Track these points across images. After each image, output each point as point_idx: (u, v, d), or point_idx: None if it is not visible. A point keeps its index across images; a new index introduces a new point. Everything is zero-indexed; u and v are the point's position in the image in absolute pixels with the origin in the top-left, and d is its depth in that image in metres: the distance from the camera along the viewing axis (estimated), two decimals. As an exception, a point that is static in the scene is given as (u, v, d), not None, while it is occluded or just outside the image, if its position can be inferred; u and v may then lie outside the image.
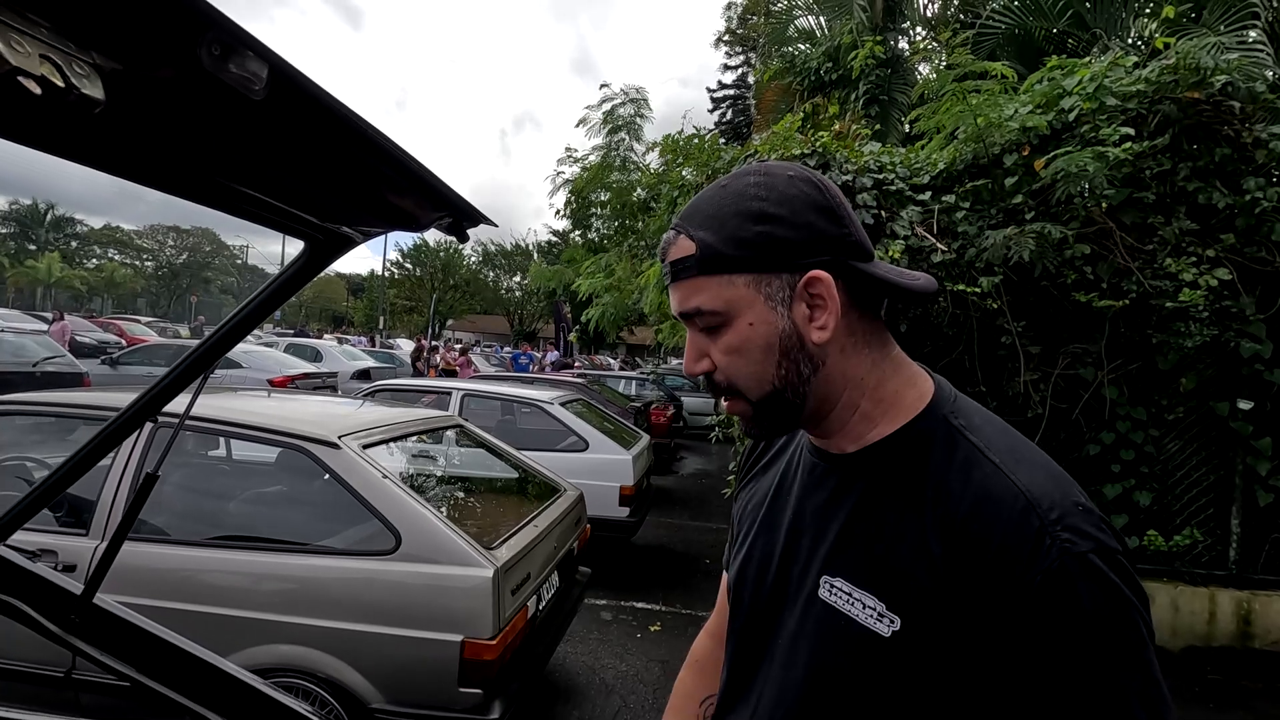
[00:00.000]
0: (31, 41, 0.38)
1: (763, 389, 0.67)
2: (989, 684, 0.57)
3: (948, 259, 3.82)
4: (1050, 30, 6.15)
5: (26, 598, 0.98)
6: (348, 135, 0.68)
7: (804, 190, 0.66)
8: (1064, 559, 0.54)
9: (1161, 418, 4.00)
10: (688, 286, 0.67)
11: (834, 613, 0.65)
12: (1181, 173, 3.74)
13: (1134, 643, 0.54)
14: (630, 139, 11.69)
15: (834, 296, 0.65)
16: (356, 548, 2.34)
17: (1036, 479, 0.60)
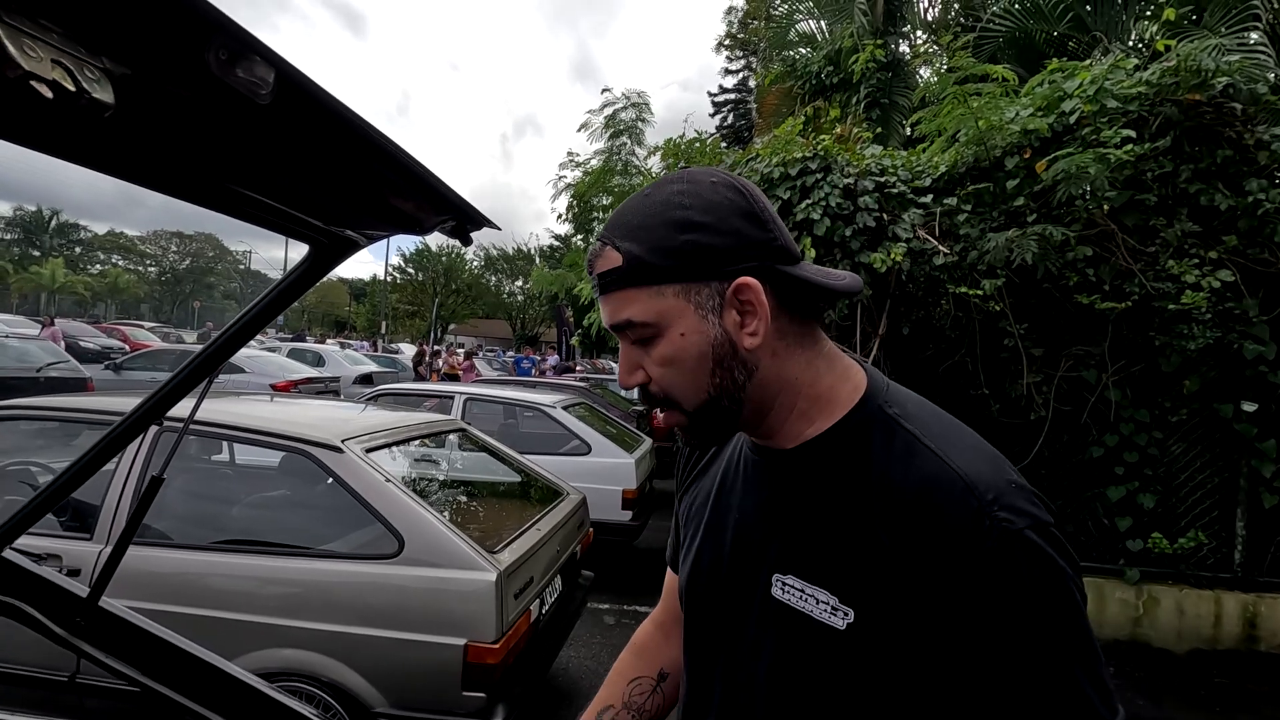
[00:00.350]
0: (43, 46, 0.38)
1: (698, 398, 0.67)
2: (944, 664, 0.59)
3: (950, 261, 3.82)
4: (1051, 33, 6.17)
5: (32, 601, 0.99)
6: (352, 139, 0.68)
7: (729, 196, 0.66)
8: (1002, 537, 0.57)
9: (1165, 420, 3.99)
10: (617, 299, 0.67)
11: (789, 611, 0.66)
12: (1183, 174, 3.74)
13: (1070, 608, 0.58)
14: (632, 143, 11.72)
15: (763, 302, 0.65)
16: (360, 551, 2.34)
17: (973, 462, 0.62)
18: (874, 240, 3.99)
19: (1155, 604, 3.98)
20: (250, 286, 73.01)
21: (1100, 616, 4.02)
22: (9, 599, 0.97)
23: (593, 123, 12.31)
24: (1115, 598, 4.01)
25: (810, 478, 0.68)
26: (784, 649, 0.66)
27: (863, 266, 3.95)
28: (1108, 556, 4.10)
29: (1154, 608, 3.98)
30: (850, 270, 3.96)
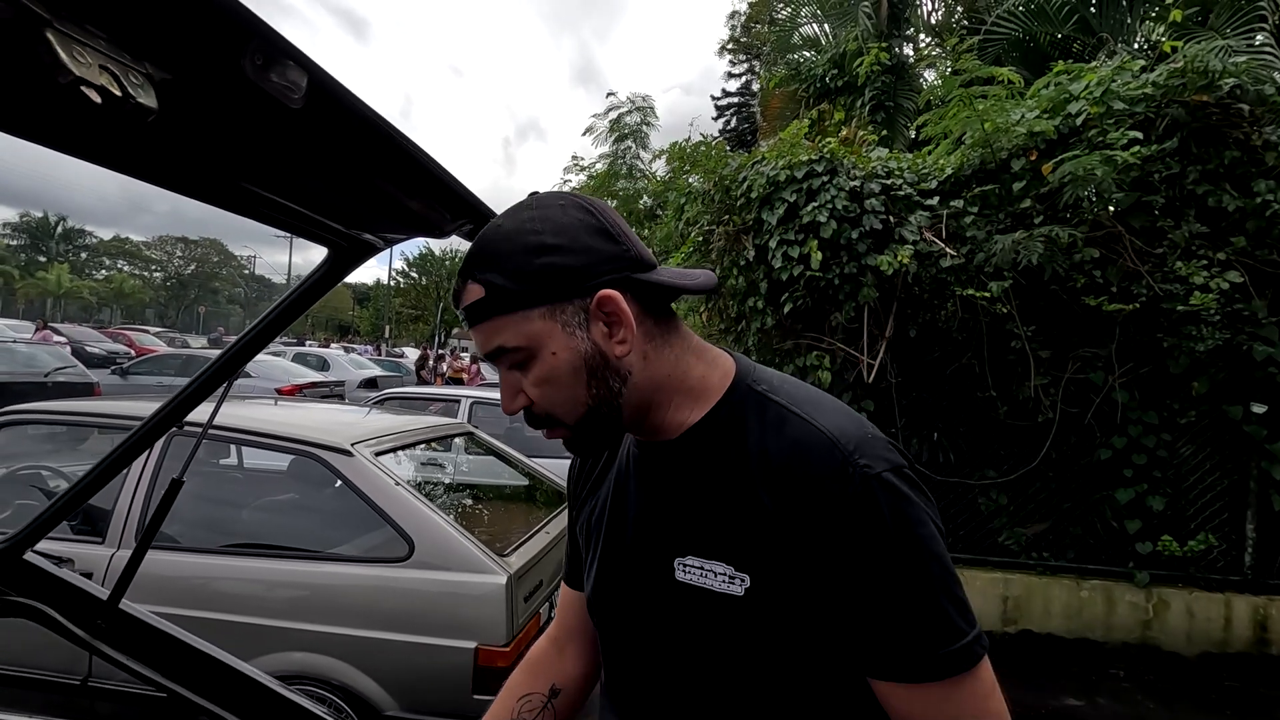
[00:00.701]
0: (92, 52, 0.39)
1: (579, 411, 0.71)
2: (829, 604, 0.66)
3: (957, 263, 3.82)
4: (1055, 35, 6.17)
5: (54, 603, 0.99)
6: (377, 143, 0.69)
7: (578, 216, 0.69)
8: (864, 481, 0.64)
9: (1174, 422, 3.97)
10: (486, 329, 0.69)
11: (692, 590, 0.70)
12: (1191, 176, 3.73)
13: (928, 538, 0.65)
14: (636, 147, 11.74)
15: (626, 311, 0.68)
16: (370, 555, 2.34)
17: (836, 421, 0.69)
18: (880, 243, 3.99)
19: (1165, 607, 3.96)
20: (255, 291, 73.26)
21: (1110, 619, 4.00)
22: (31, 601, 0.98)
23: (597, 126, 12.37)
24: (1125, 600, 3.99)
25: (695, 461, 0.73)
26: (694, 626, 0.71)
27: (870, 269, 3.95)
28: (1117, 559, 4.08)
29: (1164, 611, 3.96)
30: (857, 272, 3.96)
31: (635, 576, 0.77)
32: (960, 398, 4.26)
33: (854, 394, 4.18)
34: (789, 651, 0.68)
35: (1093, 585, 4.04)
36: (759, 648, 0.68)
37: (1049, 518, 4.22)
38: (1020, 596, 4.10)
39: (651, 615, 0.75)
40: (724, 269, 4.44)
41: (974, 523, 4.29)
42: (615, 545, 0.80)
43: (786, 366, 4.38)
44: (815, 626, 0.67)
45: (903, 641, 0.64)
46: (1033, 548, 4.22)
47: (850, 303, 4.03)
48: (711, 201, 4.55)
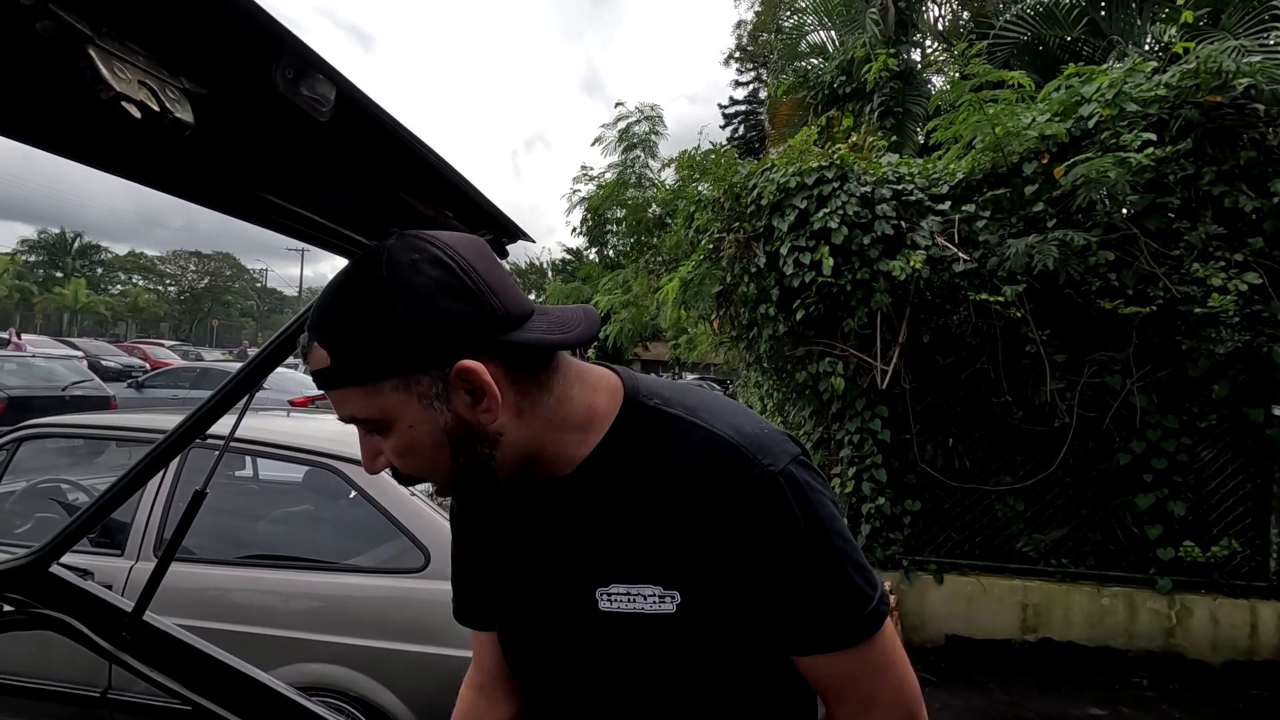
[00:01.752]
0: (131, 69, 0.39)
1: (446, 479, 0.68)
2: (755, 598, 0.68)
3: (969, 268, 3.80)
4: (1065, 38, 6.15)
5: (79, 615, 1.00)
6: (402, 154, 0.69)
7: (432, 275, 0.62)
8: (771, 479, 0.67)
9: (1194, 425, 3.92)
10: (337, 396, 0.65)
11: (620, 617, 0.70)
12: (1206, 177, 3.70)
13: (829, 518, 0.69)
14: (645, 156, 11.79)
15: (488, 382, 0.63)
16: (386, 565, 2.35)
17: (733, 424, 0.70)
18: (892, 248, 3.98)
19: (1188, 614, 3.89)
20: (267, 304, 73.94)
21: (1132, 627, 3.94)
22: (57, 614, 0.99)
23: (606, 136, 12.42)
24: (1147, 607, 3.93)
25: (599, 491, 0.71)
26: (626, 652, 0.70)
27: (882, 274, 3.93)
28: (1137, 565, 4.02)
29: (1187, 618, 3.90)
30: (869, 277, 3.95)
31: (554, 613, 0.75)
32: (975, 403, 4.23)
33: (867, 400, 4.16)
34: (725, 653, 0.70)
35: (1114, 592, 3.98)
36: (696, 658, 0.69)
37: (1067, 524, 4.17)
38: (1040, 604, 4.04)
39: (578, 649, 0.73)
40: (734, 276, 4.44)
41: (990, 529, 4.25)
42: (526, 585, 0.77)
43: (799, 373, 4.36)
44: (744, 623, 0.69)
45: (820, 617, 0.68)
46: (1051, 554, 4.17)
47: (863, 308, 4.02)
48: (721, 209, 4.56)
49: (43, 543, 0.99)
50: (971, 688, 3.71)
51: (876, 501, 4.11)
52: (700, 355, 9.55)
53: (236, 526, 2.92)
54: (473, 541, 0.86)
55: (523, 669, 0.81)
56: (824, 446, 4.53)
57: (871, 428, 4.13)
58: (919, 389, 4.23)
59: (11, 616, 0.96)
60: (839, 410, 4.30)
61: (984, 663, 4.00)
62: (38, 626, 0.98)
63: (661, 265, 8.06)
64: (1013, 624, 4.06)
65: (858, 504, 4.20)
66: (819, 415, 4.58)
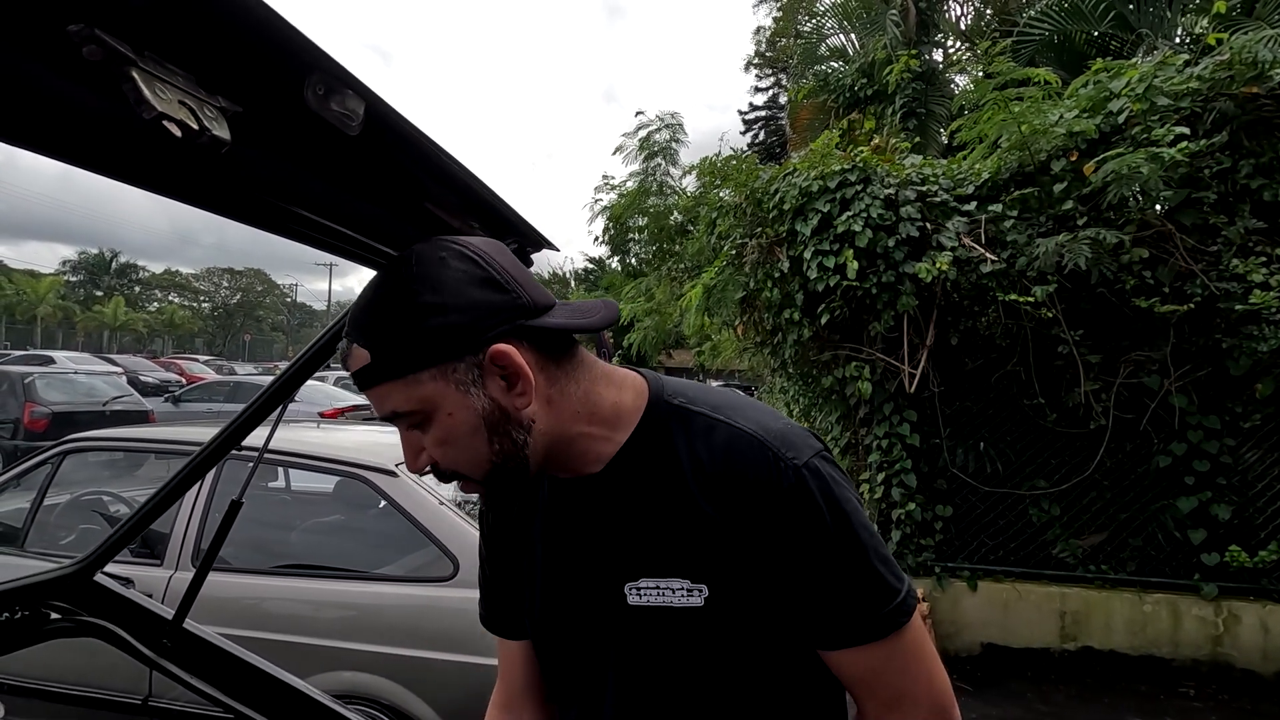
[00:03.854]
0: (171, 89, 0.41)
1: (484, 468, 0.69)
2: (782, 592, 0.69)
3: (998, 269, 3.74)
4: (1091, 33, 6.04)
5: (122, 623, 1.02)
6: (429, 167, 0.70)
7: (460, 269, 0.66)
8: (796, 473, 0.68)
9: (1237, 426, 3.80)
10: (377, 394, 0.67)
11: (650, 611, 0.71)
12: (1243, 170, 3.60)
13: (853, 511, 0.70)
14: (666, 164, 11.80)
15: (521, 364, 0.66)
16: (416, 574, 2.37)
17: (758, 420, 0.72)
18: (918, 250, 3.93)
19: (1236, 621, 3.76)
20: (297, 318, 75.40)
21: (1176, 635, 3.82)
22: (101, 621, 1.01)
23: (627, 145, 12.46)
24: (1192, 614, 3.81)
25: (627, 488, 0.72)
26: (655, 645, 0.72)
27: (908, 277, 3.89)
28: (1181, 571, 3.89)
29: (1235, 625, 3.76)
30: (895, 280, 3.90)
31: (584, 609, 0.76)
32: (1006, 406, 4.15)
33: (895, 404, 4.11)
34: (752, 646, 0.71)
35: (1156, 599, 3.86)
36: (724, 650, 0.71)
37: (1106, 529, 4.06)
38: (1079, 611, 3.94)
39: (607, 644, 0.75)
40: (758, 281, 4.42)
41: (1025, 535, 4.15)
42: (556, 584, 0.79)
43: (825, 378, 4.32)
44: (771, 616, 0.70)
45: (848, 611, 0.69)
46: (1090, 560, 4.06)
47: (889, 312, 3.97)
48: (743, 215, 4.55)
49: (86, 553, 1.01)
50: (1008, 698, 3.62)
51: (906, 507, 4.05)
52: (725, 362, 9.51)
53: (269, 536, 2.97)
54: (502, 547, 0.87)
55: (553, 666, 0.82)
56: (852, 452, 4.48)
57: (900, 432, 4.08)
58: (948, 392, 4.16)
59: (59, 624, 0.99)
60: (866, 415, 4.24)
61: (1021, 672, 3.90)
62: (83, 634, 1.00)
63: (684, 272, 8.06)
64: (1051, 632, 3.96)
65: (887, 509, 4.14)
66: (846, 420, 4.52)
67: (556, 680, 0.83)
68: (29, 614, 0.96)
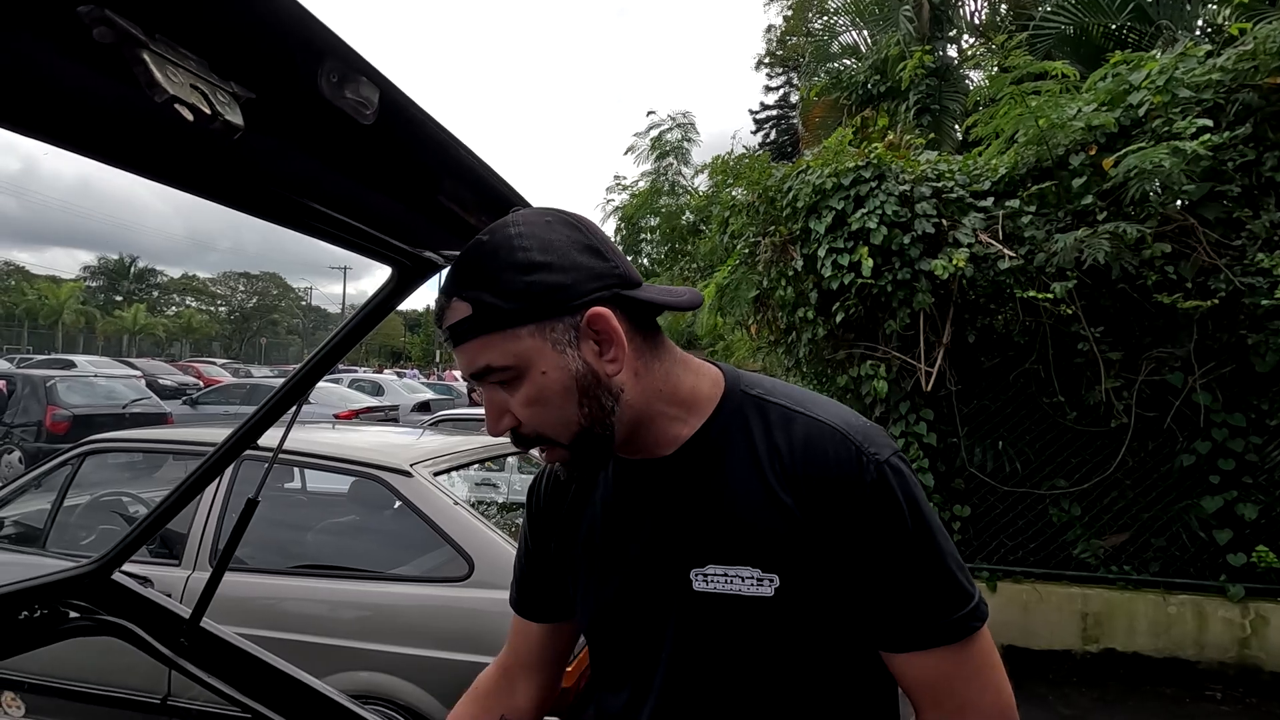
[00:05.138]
0: (183, 73, 0.40)
1: (571, 431, 0.69)
2: (854, 588, 0.69)
3: (1016, 265, 3.69)
4: (1108, 27, 5.95)
5: (140, 621, 1.02)
6: (445, 158, 0.69)
7: (565, 233, 0.68)
8: (879, 469, 0.68)
9: (1263, 423, 3.72)
10: (472, 347, 0.68)
11: (716, 598, 0.70)
12: (1268, 162, 3.52)
13: (929, 512, 0.70)
14: (678, 163, 11.77)
15: (617, 329, 0.67)
16: (430, 574, 2.37)
17: (837, 415, 0.72)
18: (933, 246, 3.88)
19: (1264, 623, 3.68)
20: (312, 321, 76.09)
21: (1202, 637, 3.74)
22: (119, 620, 1.01)
23: (639, 145, 12.44)
24: (1218, 616, 3.73)
25: (701, 472, 0.73)
26: (720, 632, 0.71)
27: (924, 274, 3.84)
28: (1206, 572, 3.82)
29: (1263, 627, 3.68)
30: (911, 278, 3.86)
31: (644, 594, 0.76)
32: (1025, 404, 4.09)
33: (912, 403, 4.06)
34: (816, 641, 0.71)
35: (1181, 600, 3.79)
36: (788, 643, 0.70)
37: (1128, 529, 3.99)
38: (1101, 613, 3.87)
39: (665, 629, 0.74)
40: (771, 280, 4.39)
41: (1045, 535, 4.09)
42: (617, 566, 0.78)
43: (840, 377, 4.28)
44: (840, 612, 0.70)
45: (922, 612, 0.68)
46: (1112, 561, 3.99)
47: (905, 309, 3.93)
48: (756, 213, 4.52)
49: (104, 551, 1.02)
50: (1029, 700, 3.57)
51: (924, 507, 4.00)
52: (738, 361, 9.47)
53: (285, 536, 2.99)
54: (551, 528, 0.86)
55: (605, 649, 0.82)
56: (867, 451, 4.43)
57: (916, 431, 4.03)
58: (965, 390, 4.11)
59: (77, 623, 0.99)
60: (882, 414, 4.20)
61: (1042, 674, 3.84)
62: (102, 633, 1.00)
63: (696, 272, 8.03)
64: (1072, 634, 3.89)
65: (904, 510, 4.09)
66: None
67: (607, 664, 0.83)
68: (47, 612, 0.96)
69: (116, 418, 8.85)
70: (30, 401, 8.50)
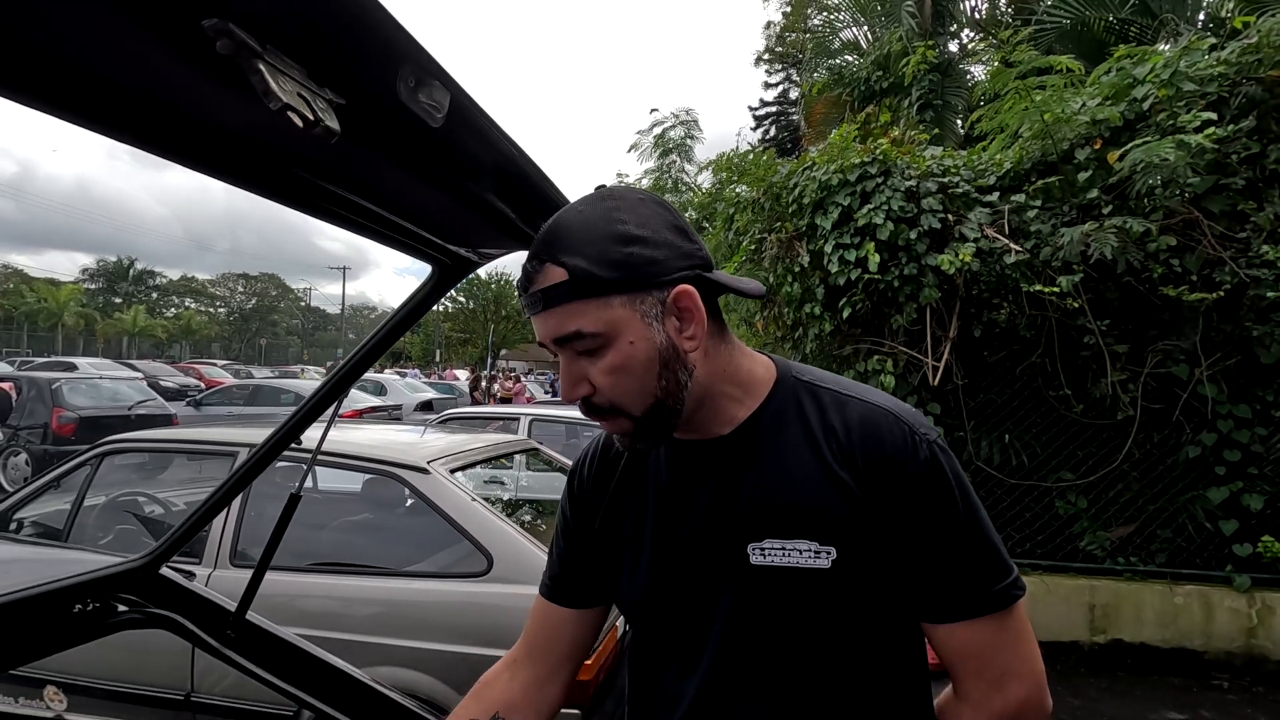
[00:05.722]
0: (291, 81, 0.42)
1: (646, 402, 0.72)
2: (904, 561, 0.72)
3: (1022, 259, 3.71)
4: (1110, 20, 5.97)
5: (188, 614, 1.05)
6: (503, 160, 0.71)
7: (658, 211, 0.72)
8: (930, 448, 0.73)
9: (1269, 415, 3.74)
10: (563, 312, 0.69)
11: (774, 570, 0.73)
12: (1272, 155, 3.54)
13: (971, 491, 0.75)
14: (681, 160, 11.76)
15: (700, 307, 0.71)
16: (449, 570, 2.39)
17: (886, 400, 0.77)
18: (939, 241, 3.91)
19: (1270, 613, 3.71)
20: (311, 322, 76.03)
21: (1209, 627, 3.77)
22: (168, 613, 1.03)
23: (642, 143, 12.44)
24: (1225, 606, 3.76)
25: (758, 450, 0.76)
26: (774, 605, 0.74)
27: (930, 269, 3.86)
28: (1212, 563, 3.85)
29: (1269, 617, 3.71)
30: (917, 273, 3.89)
31: (700, 572, 0.77)
32: (1031, 398, 4.11)
33: (919, 397, 4.09)
34: (865, 614, 0.74)
35: (1188, 591, 3.82)
36: (839, 615, 0.73)
37: (1134, 520, 4.02)
38: (1108, 604, 3.90)
39: (718, 603, 0.76)
40: (778, 276, 4.41)
41: (1052, 527, 4.12)
42: (671, 546, 0.80)
43: (847, 372, 4.30)
44: (890, 585, 0.73)
45: (968, 583, 0.72)
46: (1119, 552, 4.02)
47: (911, 304, 3.95)
48: (762, 210, 4.54)
49: (153, 546, 1.04)
50: (1039, 691, 3.59)
51: (932, 501, 4.02)
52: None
53: (303, 535, 3.01)
54: (596, 513, 0.87)
55: (655, 626, 0.82)
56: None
57: (924, 425, 4.05)
58: (971, 385, 4.13)
59: (127, 616, 1.02)
60: (889, 408, 4.22)
61: (1050, 665, 3.78)
62: (152, 625, 1.03)
63: (699, 269, 8.05)
64: (1080, 625, 3.92)
65: (912, 504, 4.11)
66: (868, 414, 4.50)
67: (652, 642, 0.83)
68: (99, 606, 0.99)
69: (122, 419, 8.87)
70: (36, 404, 8.51)
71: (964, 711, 0.76)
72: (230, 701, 2.34)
